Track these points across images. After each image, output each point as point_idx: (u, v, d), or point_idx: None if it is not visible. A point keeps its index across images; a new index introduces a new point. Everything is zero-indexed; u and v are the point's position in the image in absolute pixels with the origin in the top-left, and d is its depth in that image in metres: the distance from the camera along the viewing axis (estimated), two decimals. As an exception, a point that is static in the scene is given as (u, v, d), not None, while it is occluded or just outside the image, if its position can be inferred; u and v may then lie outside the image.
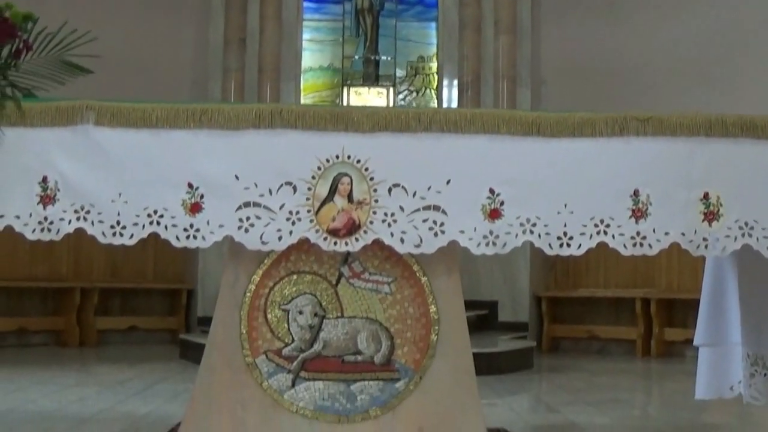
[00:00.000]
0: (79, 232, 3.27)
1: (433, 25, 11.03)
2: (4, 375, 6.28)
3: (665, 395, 6.85)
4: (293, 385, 3.33)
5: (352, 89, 10.96)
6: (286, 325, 3.34)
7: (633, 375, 8.11)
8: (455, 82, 10.66)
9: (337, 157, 3.17)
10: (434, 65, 11.02)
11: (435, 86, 10.96)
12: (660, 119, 3.18)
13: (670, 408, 6.30)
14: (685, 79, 9.93)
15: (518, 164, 3.18)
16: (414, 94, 11.04)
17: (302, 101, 10.86)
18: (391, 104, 10.78)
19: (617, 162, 3.17)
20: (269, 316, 3.34)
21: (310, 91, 11.02)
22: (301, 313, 3.34)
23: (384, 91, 10.89)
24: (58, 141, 3.20)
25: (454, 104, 10.59)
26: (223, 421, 3.32)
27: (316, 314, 3.34)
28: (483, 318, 9.63)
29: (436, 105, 10.87)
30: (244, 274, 3.34)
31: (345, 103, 10.78)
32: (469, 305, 9.77)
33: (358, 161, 3.17)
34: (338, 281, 3.34)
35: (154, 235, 3.22)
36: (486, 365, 7.56)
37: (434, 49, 11.03)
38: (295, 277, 3.34)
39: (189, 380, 6.67)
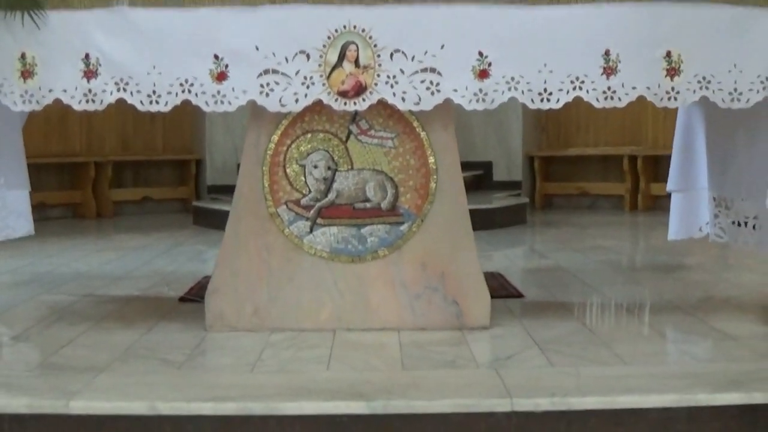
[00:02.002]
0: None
1: None
2: (32, 245, 6.68)
3: (647, 242, 7.34)
4: (311, 230, 3.80)
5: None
6: (303, 178, 3.78)
7: (619, 226, 8.56)
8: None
9: (345, 27, 3.53)
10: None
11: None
12: (628, -14, 3.55)
13: (649, 252, 6.81)
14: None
15: (504, 30, 3.51)
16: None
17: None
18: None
19: (590, 25, 3.51)
20: (288, 170, 3.78)
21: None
22: (315, 167, 3.78)
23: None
24: (97, 21, 3.53)
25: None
26: (251, 264, 3.79)
27: (329, 168, 3.78)
28: (479, 178, 10.02)
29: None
30: (265, 135, 3.77)
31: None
32: (465, 166, 10.18)
33: (363, 30, 3.53)
34: (348, 138, 3.76)
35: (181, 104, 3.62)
36: (481, 221, 8.05)
37: None
38: (309, 135, 3.76)
39: (204, 242, 7.20)
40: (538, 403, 2.81)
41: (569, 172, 10.52)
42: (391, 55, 3.53)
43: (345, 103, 3.56)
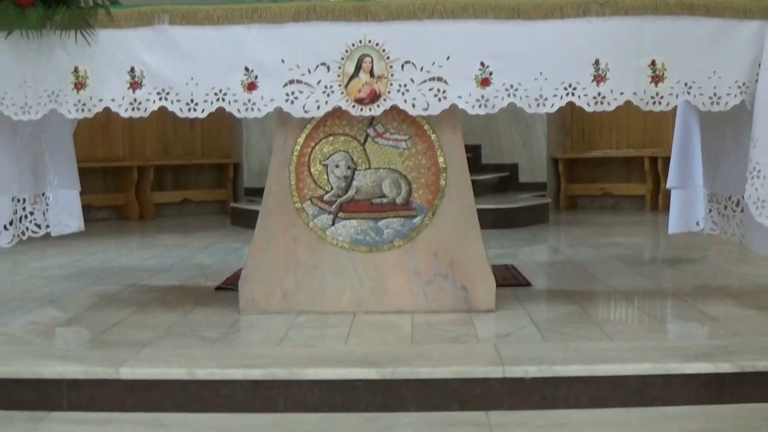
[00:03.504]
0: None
1: None
2: (79, 243, 7.14)
3: (660, 239, 7.67)
4: (333, 223, 4.21)
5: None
6: (325, 177, 4.20)
7: (639, 225, 8.89)
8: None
9: (360, 41, 3.94)
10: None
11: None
12: (616, 2, 3.88)
13: (660, 248, 7.16)
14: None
15: (503, 42, 3.90)
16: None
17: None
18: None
19: (581, 37, 3.89)
20: (312, 170, 4.20)
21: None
22: (337, 166, 4.19)
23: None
24: (140, 38, 3.96)
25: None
26: (279, 253, 4.22)
27: (349, 167, 4.19)
28: (505, 180, 10.39)
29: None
30: (291, 138, 4.20)
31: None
32: (492, 168, 10.64)
33: (377, 44, 3.94)
34: (365, 140, 4.18)
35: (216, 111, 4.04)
36: (506, 219, 8.47)
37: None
38: (331, 138, 4.18)
39: (241, 240, 7.64)
40: (527, 370, 3.22)
41: (593, 174, 10.83)
42: (403, 66, 3.94)
43: (362, 109, 3.97)
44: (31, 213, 4.61)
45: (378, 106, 3.96)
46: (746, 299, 4.43)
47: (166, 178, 10.70)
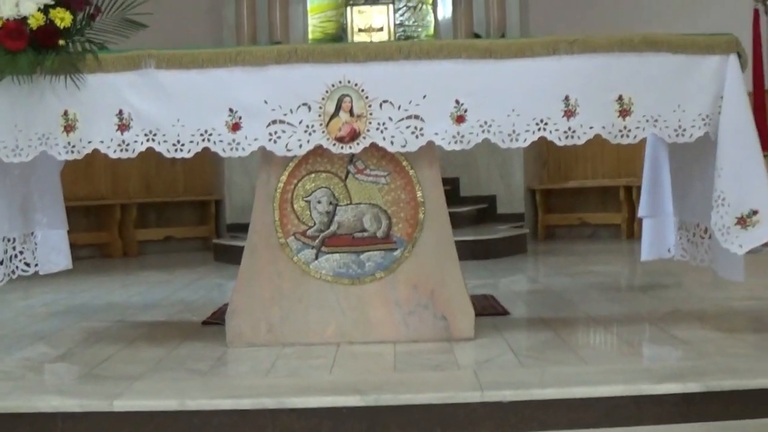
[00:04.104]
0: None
1: (427, -56, 11.72)
2: (64, 281, 7.22)
3: (635, 266, 7.84)
4: (316, 257, 4.35)
5: (355, 8, 11.63)
6: (308, 213, 4.34)
7: (615, 254, 9.06)
8: (449, -4, 11.44)
9: (340, 82, 4.09)
10: (429, -18, 11.75)
11: (431, 1, 11.72)
12: (584, 41, 4.09)
13: (635, 275, 7.33)
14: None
15: (477, 80, 4.07)
16: (411, 10, 11.81)
17: (309, 22, 11.64)
18: (391, 20, 11.52)
19: (551, 75, 4.07)
20: (295, 206, 4.35)
21: (316, 12, 11.73)
22: (319, 202, 4.34)
23: (384, 8, 11.62)
24: (128, 82, 4.10)
25: (449, 16, 11.35)
26: (264, 287, 4.35)
27: (330, 203, 4.34)
28: (483, 211, 10.54)
29: (432, 18, 11.65)
30: (275, 175, 4.34)
31: (348, 21, 11.54)
32: (470, 200, 10.81)
33: (356, 84, 4.09)
34: (346, 177, 4.33)
35: (201, 151, 4.19)
36: (484, 250, 8.63)
37: (429, -33, 11.75)
38: (313, 175, 4.33)
39: (225, 276, 7.76)
40: (505, 394, 3.36)
41: (570, 204, 11.03)
42: (381, 105, 4.10)
43: (342, 147, 4.12)
44: (21, 252, 4.74)
45: (358, 143, 4.12)
46: (716, 323, 4.59)
47: (149, 215, 10.83)
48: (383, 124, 4.10)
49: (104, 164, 10.35)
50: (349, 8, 11.67)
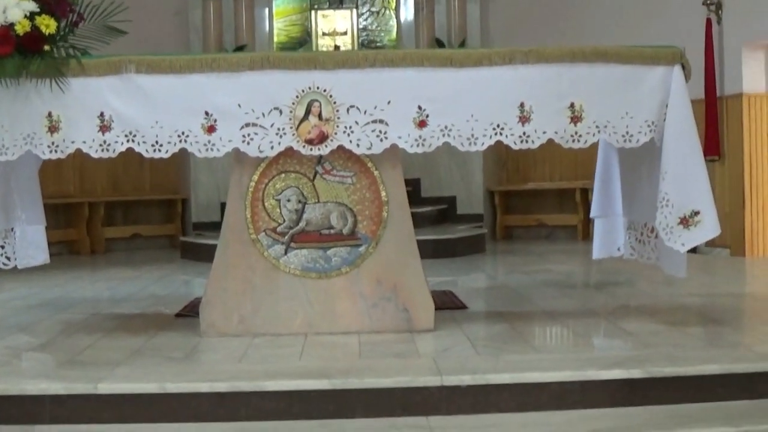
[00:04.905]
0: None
1: (390, -51, 11.96)
2: (36, 277, 7.36)
3: (590, 266, 8.13)
4: (286, 253, 4.60)
5: (320, 12, 11.86)
6: (278, 210, 4.59)
7: (571, 253, 9.32)
8: (411, 1, 11.64)
9: (310, 88, 4.34)
10: (391, -14, 12.00)
11: (393, 6, 11.98)
12: (538, 51, 4.37)
13: (589, 273, 7.63)
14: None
15: (438, 87, 4.34)
16: (375, 14, 12.05)
17: (275, 25, 11.84)
18: (354, 24, 11.76)
19: (508, 83, 4.34)
20: (266, 204, 4.59)
21: (281, 16, 11.93)
22: (289, 201, 4.59)
23: (348, 13, 11.86)
24: (109, 86, 4.33)
25: (411, 21, 11.61)
26: (237, 281, 4.59)
27: (299, 201, 4.59)
28: (443, 212, 10.79)
29: (395, 23, 11.90)
30: (247, 175, 4.59)
31: (313, 25, 11.76)
32: (431, 201, 11.05)
33: (325, 90, 4.34)
34: (314, 177, 4.58)
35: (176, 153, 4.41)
36: (444, 250, 8.89)
37: (392, -28, 12.00)
38: (283, 175, 4.58)
39: (192, 273, 7.98)
40: (462, 379, 3.64)
41: (527, 205, 11.29)
42: (348, 109, 4.36)
43: (311, 149, 4.38)
44: (2, 247, 4.97)
45: (326, 146, 4.37)
46: (661, 316, 4.90)
47: (116, 213, 10.97)
48: (350, 127, 4.36)
49: (72, 163, 10.47)
50: (313, 12, 11.90)
